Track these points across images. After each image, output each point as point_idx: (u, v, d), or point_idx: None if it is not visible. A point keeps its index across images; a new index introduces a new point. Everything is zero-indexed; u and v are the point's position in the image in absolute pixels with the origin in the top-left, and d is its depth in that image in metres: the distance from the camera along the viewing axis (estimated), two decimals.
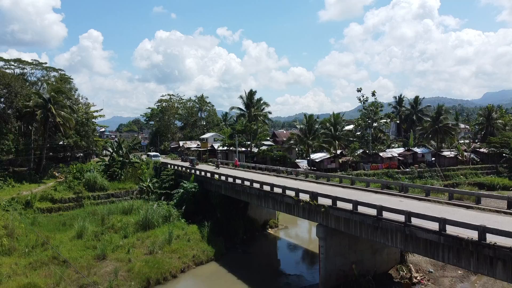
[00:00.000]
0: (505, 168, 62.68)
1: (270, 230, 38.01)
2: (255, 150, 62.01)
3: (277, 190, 26.68)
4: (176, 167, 46.14)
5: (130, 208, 38.05)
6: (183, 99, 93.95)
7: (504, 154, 63.75)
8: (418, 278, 24.72)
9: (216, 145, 67.15)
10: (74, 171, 47.32)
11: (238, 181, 31.77)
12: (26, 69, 61.90)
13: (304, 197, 24.06)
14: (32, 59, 61.75)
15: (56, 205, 40.54)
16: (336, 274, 23.05)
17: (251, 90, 62.52)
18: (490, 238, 14.29)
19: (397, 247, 18.43)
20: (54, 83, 59.13)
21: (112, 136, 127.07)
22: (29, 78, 61.43)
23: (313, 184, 30.87)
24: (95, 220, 35.26)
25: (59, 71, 65.33)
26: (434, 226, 16.07)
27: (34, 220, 35.24)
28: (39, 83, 60.95)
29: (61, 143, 60.96)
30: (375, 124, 68.62)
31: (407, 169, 59.33)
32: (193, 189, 37.36)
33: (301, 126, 62.86)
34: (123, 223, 33.49)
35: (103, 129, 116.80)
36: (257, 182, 29.28)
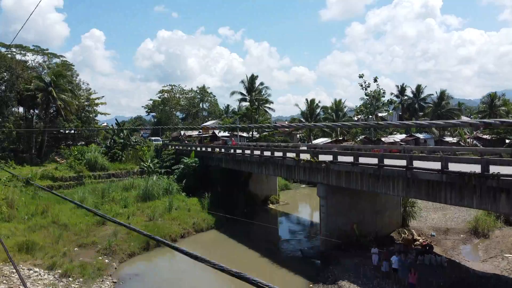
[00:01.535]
0: (508, 153, 62.23)
1: (271, 206, 37.79)
2: (257, 135, 61.76)
3: (278, 154, 26.50)
4: (177, 147, 45.99)
5: (131, 186, 37.91)
6: (184, 90, 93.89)
7: (507, 140, 63.27)
8: (420, 240, 24.43)
9: (217, 131, 66.97)
10: (75, 152, 47.32)
11: (239, 151, 31.60)
12: (28, 55, 61.99)
13: (304, 157, 23.85)
14: (33, 45, 61.79)
15: (56, 183, 40.44)
16: (337, 234, 22.76)
17: (252, 75, 62.38)
18: (493, 171, 14.05)
19: (398, 195, 18.19)
20: (55, 68, 59.15)
21: None
22: (31, 65, 61.45)
23: None
24: (95, 195, 35.12)
25: (61, 58, 65.33)
26: (436, 166, 15.83)
27: (35, 195, 35.12)
28: (40, 68, 60.94)
29: (62, 131, 60.96)
30: (379, 114, 68.22)
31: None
32: (193, 164, 37.20)
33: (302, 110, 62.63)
34: (123, 196, 33.40)
35: (105, 124, 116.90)
36: (257, 149, 29.12)
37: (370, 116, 67.68)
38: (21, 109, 57.49)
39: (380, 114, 70.36)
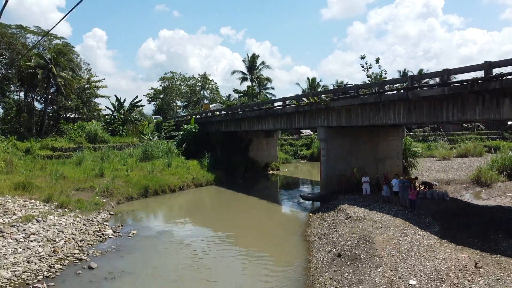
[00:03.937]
0: (510, 134, 61.93)
1: (271, 172, 37.52)
2: None
3: (278, 103, 26.29)
4: (176, 118, 45.81)
5: (131, 154, 37.74)
6: (185, 77, 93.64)
7: (509, 121, 62.93)
8: (422, 188, 24.10)
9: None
10: (75, 127, 47.25)
11: (239, 111, 31.39)
12: (29, 37, 61.97)
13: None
14: (34, 26, 61.79)
15: (56, 153, 40.21)
16: (337, 178, 22.45)
17: (253, 54, 62.20)
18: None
19: (400, 122, 17.86)
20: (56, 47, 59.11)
21: None
22: (31, 45, 61.43)
23: None
24: (95, 158, 34.95)
25: (62, 39, 65.25)
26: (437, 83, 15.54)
27: (34, 159, 34.96)
28: (41, 48, 60.89)
29: (62, 114, 60.90)
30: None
31: (410, 133, 58.64)
32: (193, 130, 36.99)
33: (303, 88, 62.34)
34: (122, 157, 33.28)
35: (105, 110, 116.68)
36: (256, 104, 28.88)
37: None
38: (21, 94, 57.48)
39: None
